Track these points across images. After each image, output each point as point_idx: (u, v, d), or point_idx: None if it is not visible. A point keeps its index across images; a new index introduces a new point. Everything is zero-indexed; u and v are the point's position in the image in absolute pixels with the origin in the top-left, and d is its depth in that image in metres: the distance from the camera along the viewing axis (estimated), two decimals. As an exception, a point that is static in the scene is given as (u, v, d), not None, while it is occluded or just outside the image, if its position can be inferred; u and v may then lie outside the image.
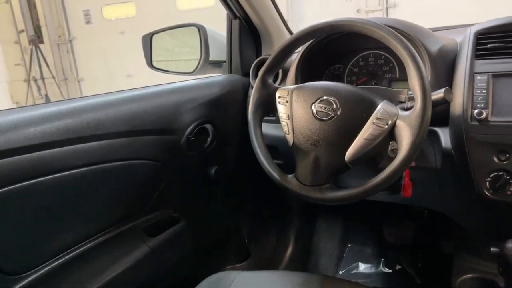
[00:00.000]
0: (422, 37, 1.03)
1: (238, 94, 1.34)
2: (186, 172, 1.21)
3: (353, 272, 1.62)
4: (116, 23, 6.19)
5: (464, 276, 1.09)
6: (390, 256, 1.62)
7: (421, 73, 0.78)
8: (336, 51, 1.21)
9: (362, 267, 1.62)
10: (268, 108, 0.97)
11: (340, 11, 5.02)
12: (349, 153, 0.83)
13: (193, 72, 1.38)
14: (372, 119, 0.82)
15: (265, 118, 0.99)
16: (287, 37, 1.15)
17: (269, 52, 1.38)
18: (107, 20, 6.28)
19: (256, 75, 1.22)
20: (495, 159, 0.89)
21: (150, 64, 1.41)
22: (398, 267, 1.59)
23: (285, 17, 1.43)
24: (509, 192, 0.89)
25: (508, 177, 0.88)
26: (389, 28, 0.83)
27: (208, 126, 1.23)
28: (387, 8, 5.14)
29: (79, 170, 0.91)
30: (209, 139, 1.24)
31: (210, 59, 1.38)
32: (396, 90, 1.04)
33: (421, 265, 1.56)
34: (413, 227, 1.63)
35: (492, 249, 0.84)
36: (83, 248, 0.95)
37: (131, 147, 1.02)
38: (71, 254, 0.92)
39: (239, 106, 1.32)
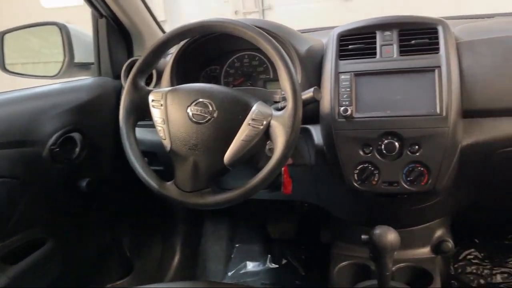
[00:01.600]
0: (291, 38, 1.06)
1: (109, 98, 1.24)
2: (53, 187, 1.09)
3: (241, 272, 1.63)
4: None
5: (342, 264, 1.16)
6: (276, 251, 1.67)
7: (291, 74, 0.80)
8: (212, 52, 1.20)
9: (250, 265, 1.64)
10: (141, 113, 0.91)
11: (219, 13, 5.08)
12: (228, 155, 0.82)
13: (56, 75, 1.24)
14: (247, 120, 0.81)
15: (142, 122, 0.93)
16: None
17: (142, 53, 1.31)
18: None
19: (128, 77, 1.15)
20: (361, 153, 0.96)
21: (2, 67, 1.23)
22: (284, 261, 1.64)
23: (163, 17, 1.37)
24: (374, 182, 0.96)
25: (372, 169, 0.96)
26: (258, 29, 0.83)
27: (76, 134, 1.12)
28: (263, 10, 5.35)
29: None
30: (77, 149, 1.12)
31: (77, 60, 1.26)
32: (270, 91, 1.06)
33: (304, 257, 1.63)
34: (296, 221, 1.70)
35: (362, 236, 0.90)
36: None
37: None
38: None
39: (111, 111, 1.23)
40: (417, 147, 0.93)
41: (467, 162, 0.97)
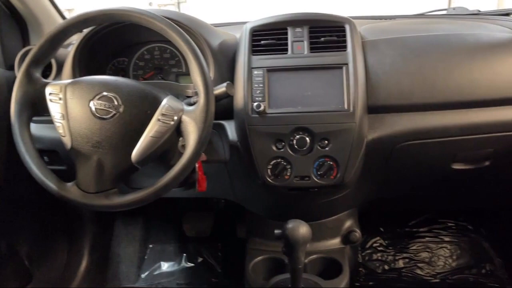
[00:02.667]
0: (203, 31, 1.03)
1: (0, 91, 1.11)
2: None
3: (156, 273, 1.58)
4: None
5: (256, 259, 1.16)
6: (192, 250, 1.63)
7: (203, 68, 0.78)
8: (120, 43, 1.13)
9: (165, 266, 1.59)
10: (37, 107, 0.83)
11: (133, 2, 4.85)
12: (136, 153, 0.77)
13: None
14: (157, 115, 0.78)
15: (41, 118, 0.85)
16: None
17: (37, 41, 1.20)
18: None
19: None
20: (274, 148, 0.97)
21: None
22: (199, 259, 1.62)
23: (70, 5, 1.26)
24: (286, 177, 0.97)
25: (285, 164, 0.97)
26: (168, 20, 0.79)
27: None
28: (178, 3, 5.21)
29: None
30: None
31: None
32: (182, 85, 1.02)
33: (221, 254, 1.62)
34: (212, 218, 1.68)
35: (275, 231, 0.91)
36: None
37: None
38: None
39: (2, 105, 1.10)
40: (326, 142, 0.96)
41: (372, 155, 1.02)
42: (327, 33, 1.02)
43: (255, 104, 0.96)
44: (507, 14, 1.28)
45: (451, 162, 1.09)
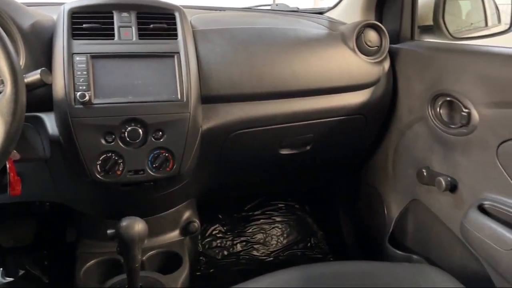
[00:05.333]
0: (11, 10, 0.89)
1: None
2: None
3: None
4: None
5: (89, 263, 1.07)
6: (10, 262, 1.41)
7: (8, 51, 0.66)
8: None
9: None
10: None
11: None
12: None
13: None
14: None
15: None
16: None
17: None
18: None
19: None
20: (103, 141, 0.89)
21: None
22: (21, 272, 1.41)
23: None
24: (118, 172, 0.91)
25: (116, 158, 0.90)
26: None
27: None
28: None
29: None
30: None
31: None
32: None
33: (47, 262, 1.44)
34: (35, 224, 1.48)
35: (108, 231, 0.85)
36: None
37: None
38: None
39: None
40: (160, 133, 0.92)
41: (207, 145, 1.03)
42: (156, 19, 0.98)
43: (79, 93, 0.86)
44: (321, 13, 1.43)
45: (279, 148, 1.17)
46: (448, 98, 1.00)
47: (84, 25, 0.92)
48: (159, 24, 0.97)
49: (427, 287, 0.81)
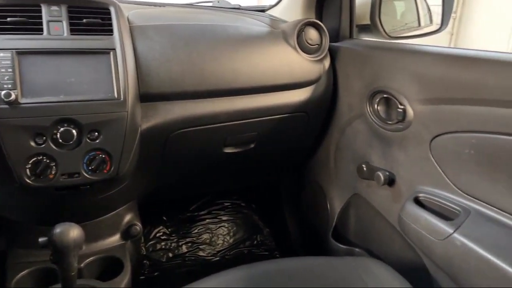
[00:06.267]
0: None
1: None
2: None
3: None
4: None
5: (21, 274, 0.99)
6: None
7: None
8: None
9: None
10: None
11: None
12: None
13: None
14: None
15: None
16: None
17: None
18: None
19: None
20: (32, 144, 0.83)
21: None
22: None
23: None
24: (51, 176, 0.86)
25: (48, 161, 0.85)
26: None
27: None
28: None
29: None
30: None
31: None
32: None
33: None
34: None
35: (40, 239, 0.79)
36: None
37: None
38: None
39: None
40: (96, 133, 0.88)
41: (148, 145, 0.99)
42: (89, 14, 0.93)
43: (4, 92, 0.80)
44: (263, 11, 1.43)
45: (223, 147, 1.16)
46: (385, 95, 1.04)
47: (8, 19, 0.86)
48: (93, 19, 0.92)
49: (367, 279, 0.84)
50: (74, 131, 0.86)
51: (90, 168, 0.88)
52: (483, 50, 0.85)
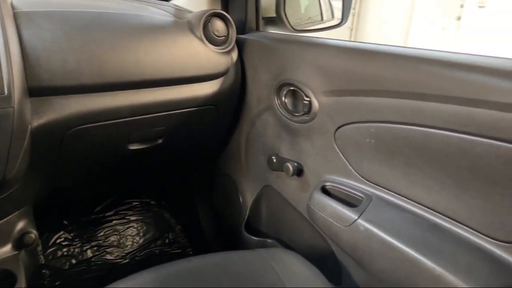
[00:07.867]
0: None
1: None
2: None
3: None
4: None
5: None
6: None
7: None
8: None
9: None
10: None
11: None
12: None
13: None
14: None
15: None
16: None
17: None
18: None
19: None
20: None
21: None
22: None
23: None
24: None
25: None
26: None
27: None
28: None
29: None
30: None
31: None
32: None
33: None
34: None
35: None
36: None
37: None
38: None
39: None
40: None
41: (41, 144, 0.90)
42: None
43: None
44: (167, 0, 1.37)
45: (127, 143, 1.09)
46: (292, 88, 1.05)
47: None
48: None
49: (279, 269, 0.84)
50: None
51: (-31, 172, 0.77)
52: (382, 44, 0.90)
